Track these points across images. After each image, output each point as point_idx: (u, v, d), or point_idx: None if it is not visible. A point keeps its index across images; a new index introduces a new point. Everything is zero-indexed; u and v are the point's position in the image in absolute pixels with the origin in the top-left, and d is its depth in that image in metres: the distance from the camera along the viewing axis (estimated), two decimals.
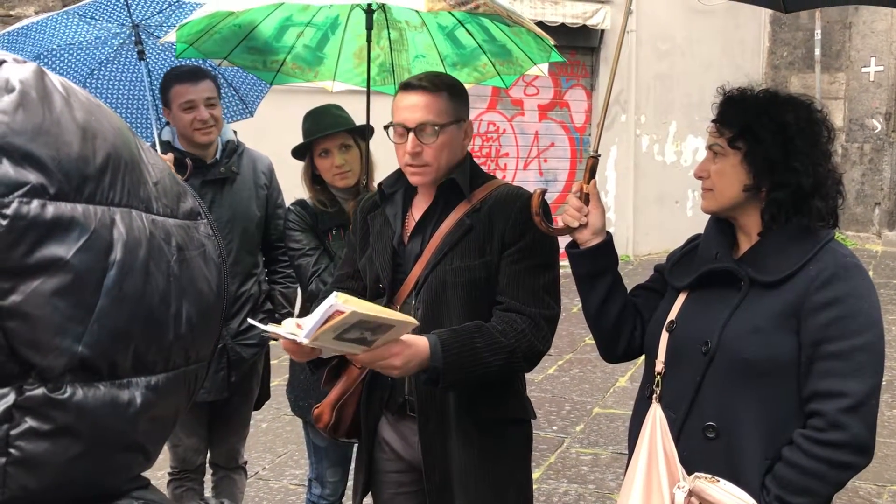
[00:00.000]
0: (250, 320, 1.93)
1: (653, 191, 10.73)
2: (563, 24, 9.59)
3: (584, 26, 9.78)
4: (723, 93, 1.88)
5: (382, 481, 2.24)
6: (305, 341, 1.64)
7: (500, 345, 1.94)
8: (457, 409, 2.04)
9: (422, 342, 1.86)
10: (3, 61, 0.53)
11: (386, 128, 2.14)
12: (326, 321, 1.59)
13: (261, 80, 3.25)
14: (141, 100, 3.41)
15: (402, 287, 2.10)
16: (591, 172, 1.98)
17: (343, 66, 3.10)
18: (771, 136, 1.75)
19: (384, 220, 2.18)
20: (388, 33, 3.01)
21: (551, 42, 2.66)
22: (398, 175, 2.18)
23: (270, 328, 1.76)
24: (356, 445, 2.39)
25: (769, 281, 1.74)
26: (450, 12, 2.76)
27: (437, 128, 2.02)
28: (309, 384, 2.85)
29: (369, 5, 2.69)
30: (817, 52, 11.22)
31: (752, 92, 1.84)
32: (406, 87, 2.08)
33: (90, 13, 3.17)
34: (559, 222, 1.99)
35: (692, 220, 9.58)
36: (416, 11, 2.87)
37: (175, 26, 3.17)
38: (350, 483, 3.06)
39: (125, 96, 3.46)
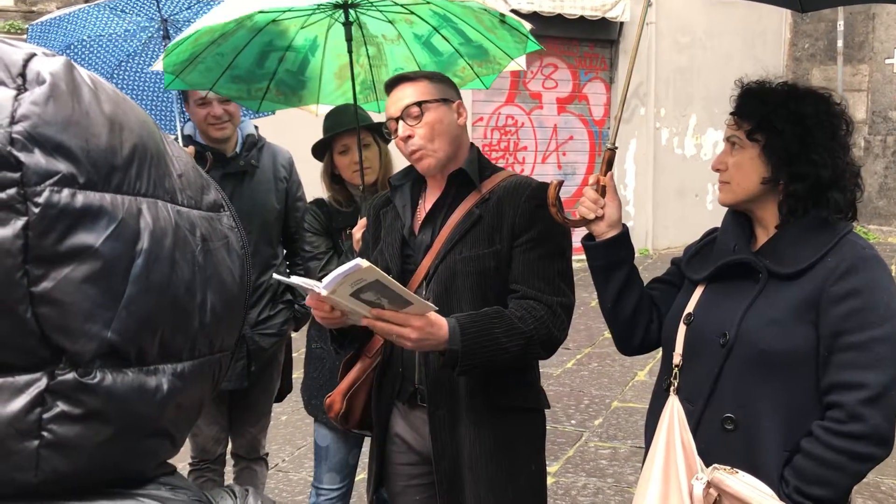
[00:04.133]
0: (275, 275, 1.96)
1: (672, 184, 10.68)
2: (582, 17, 9.55)
3: (604, 19, 9.73)
4: (741, 85, 1.87)
5: (394, 473, 2.25)
6: (324, 292, 1.69)
7: (519, 331, 1.95)
8: (467, 396, 2.05)
9: (443, 323, 1.88)
10: (34, 54, 0.54)
11: (383, 127, 2.18)
12: (346, 276, 1.64)
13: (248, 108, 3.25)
14: (166, 93, 3.45)
15: (412, 278, 2.12)
16: (609, 164, 1.98)
17: (326, 87, 3.10)
18: (790, 128, 1.75)
19: (395, 214, 2.22)
20: (367, 49, 3.01)
21: (527, 27, 2.65)
22: (407, 170, 2.22)
23: (293, 280, 1.81)
24: (366, 445, 2.39)
25: (787, 273, 1.74)
26: (424, 19, 2.76)
27: (419, 106, 2.06)
28: (322, 383, 2.87)
29: (346, 15, 2.68)
30: (840, 43, 11.10)
31: (771, 84, 1.84)
32: (388, 85, 2.15)
33: (121, 6, 3.23)
34: (576, 214, 1.99)
35: (712, 214, 9.52)
36: (391, 23, 2.87)
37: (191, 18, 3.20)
38: (353, 501, 3.07)
39: (150, 89, 3.50)
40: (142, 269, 0.54)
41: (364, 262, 1.59)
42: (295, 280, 1.80)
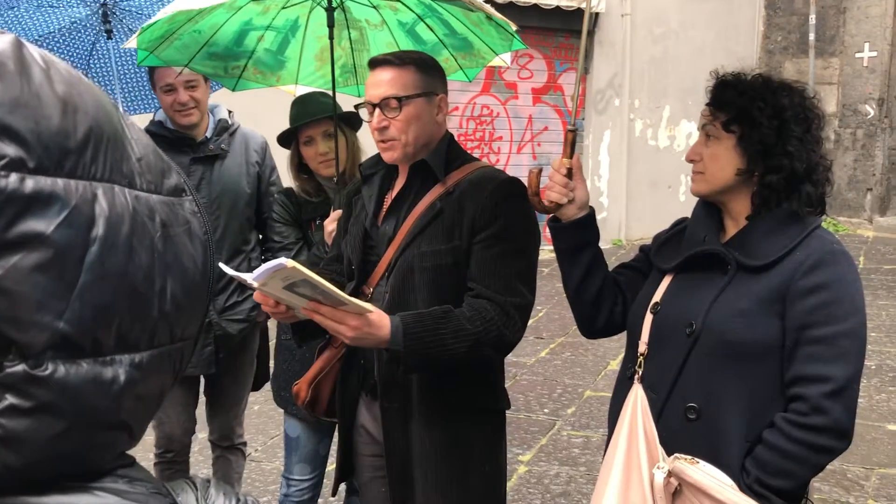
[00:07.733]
0: (221, 265, 1.93)
1: (646, 175, 10.73)
2: (558, 7, 9.55)
3: (579, 9, 9.73)
4: (716, 76, 1.88)
5: (361, 464, 2.23)
6: (255, 284, 1.67)
7: (466, 332, 1.89)
8: (421, 393, 2.01)
9: (384, 323, 1.81)
10: None
11: (357, 108, 2.14)
12: (275, 272, 1.63)
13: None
14: (136, 78, 3.40)
15: (374, 270, 2.08)
16: (572, 147, 1.97)
17: (305, 69, 3.06)
18: (767, 119, 1.76)
19: (362, 203, 2.17)
20: (349, 33, 2.97)
21: (513, 27, 2.63)
22: (379, 157, 2.16)
23: (231, 272, 1.78)
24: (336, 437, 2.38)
25: (756, 265, 1.75)
26: (409, 7, 2.73)
27: (399, 101, 1.99)
28: (291, 374, 2.86)
29: (329, 1, 2.66)
30: (811, 36, 11.20)
31: (746, 76, 1.85)
32: (373, 63, 2.07)
33: (48, 2, 3.16)
34: (544, 200, 1.97)
35: (685, 205, 9.57)
36: (375, 8, 2.83)
37: (142, 3, 3.15)
38: (324, 490, 3.06)
39: (120, 71, 3.45)
40: (96, 256, 0.53)
41: (289, 262, 1.57)
42: (232, 272, 1.77)
